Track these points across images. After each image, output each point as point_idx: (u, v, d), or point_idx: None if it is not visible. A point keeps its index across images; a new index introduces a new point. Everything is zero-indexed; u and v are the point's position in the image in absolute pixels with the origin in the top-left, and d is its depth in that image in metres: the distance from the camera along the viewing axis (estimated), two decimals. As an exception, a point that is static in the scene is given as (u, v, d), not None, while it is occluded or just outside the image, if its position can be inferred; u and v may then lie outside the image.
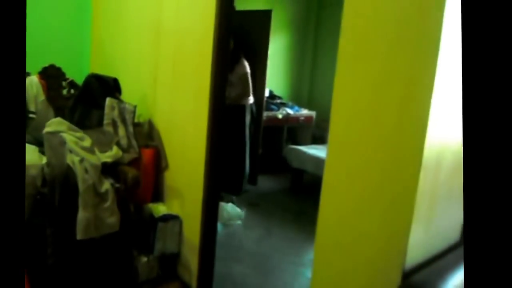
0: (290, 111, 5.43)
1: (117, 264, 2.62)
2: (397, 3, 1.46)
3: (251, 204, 4.26)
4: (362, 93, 1.59)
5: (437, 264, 1.59)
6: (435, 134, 1.42)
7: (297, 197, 4.08)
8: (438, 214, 1.61)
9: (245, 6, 4.84)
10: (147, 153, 2.82)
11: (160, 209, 2.78)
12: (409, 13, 1.42)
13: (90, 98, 2.93)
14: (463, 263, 1.50)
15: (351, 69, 1.63)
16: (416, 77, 1.41)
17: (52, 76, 3.14)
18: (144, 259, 2.67)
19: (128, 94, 3.05)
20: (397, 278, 1.49)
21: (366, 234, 1.61)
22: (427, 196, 1.51)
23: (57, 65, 3.17)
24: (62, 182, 2.36)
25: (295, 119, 5.47)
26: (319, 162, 4.01)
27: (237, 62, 4.36)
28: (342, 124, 1.68)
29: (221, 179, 2.76)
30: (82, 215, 2.35)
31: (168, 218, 2.71)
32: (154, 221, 2.68)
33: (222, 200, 3.89)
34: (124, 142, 2.74)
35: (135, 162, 2.71)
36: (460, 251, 1.67)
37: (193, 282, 2.69)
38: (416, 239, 1.50)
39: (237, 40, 4.15)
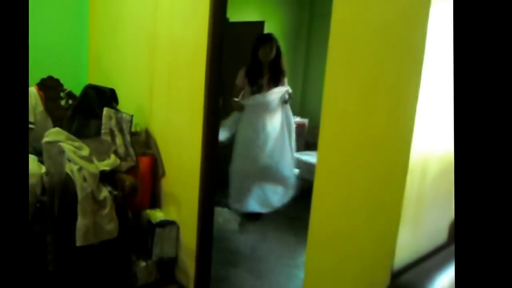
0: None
1: (116, 269, 2.67)
2: (382, 14, 1.52)
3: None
4: (350, 101, 1.65)
5: (424, 264, 1.63)
6: (421, 141, 1.48)
7: (291, 202, 4.14)
8: (425, 217, 1.66)
9: (239, 18, 4.91)
10: (144, 161, 2.87)
11: (157, 215, 2.83)
12: (394, 24, 1.48)
13: (88, 108, 2.98)
14: (452, 263, 1.57)
15: (339, 78, 1.69)
16: (402, 86, 1.46)
17: (50, 87, 3.17)
18: (143, 263, 2.72)
19: (125, 104, 3.11)
20: (386, 278, 1.55)
21: (355, 236, 1.67)
22: (414, 200, 1.56)
23: (55, 76, 3.21)
24: (61, 190, 2.40)
25: (288, 126, 5.50)
26: (311, 168, 4.06)
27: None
28: (331, 131, 1.74)
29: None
30: (81, 222, 2.40)
31: (165, 223, 2.76)
32: (152, 227, 2.73)
33: (218, 205, 3.94)
34: (121, 150, 2.80)
35: (132, 170, 2.76)
36: (447, 252, 1.72)
37: (191, 286, 2.74)
38: (404, 240, 1.56)
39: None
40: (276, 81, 3.92)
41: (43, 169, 2.51)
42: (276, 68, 3.93)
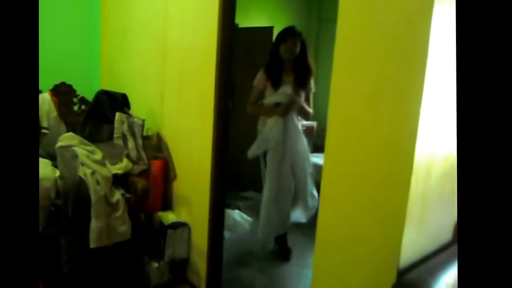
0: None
1: (129, 270, 2.71)
2: (386, 19, 1.55)
3: (257, 211, 4.33)
4: (356, 104, 1.67)
5: (429, 263, 1.66)
6: (425, 141, 1.51)
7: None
8: (429, 216, 1.69)
9: (248, 23, 4.96)
10: (156, 165, 2.92)
11: (169, 217, 2.88)
12: (398, 29, 1.50)
13: (100, 113, 3.04)
14: (455, 262, 1.59)
15: (345, 81, 1.72)
16: (406, 88, 1.49)
17: (63, 93, 3.24)
18: (155, 264, 2.77)
19: (137, 108, 3.17)
20: (392, 277, 1.57)
21: (362, 236, 1.70)
22: (419, 199, 1.59)
23: (68, 82, 3.28)
24: (75, 193, 2.46)
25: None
26: (320, 169, 4.04)
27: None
28: (338, 134, 1.77)
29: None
30: (94, 224, 2.45)
31: (177, 225, 2.81)
32: (164, 229, 2.78)
33: (229, 207, 3.98)
34: (133, 154, 2.85)
35: (144, 173, 2.81)
36: (451, 251, 1.75)
37: (202, 286, 2.79)
38: (409, 239, 1.58)
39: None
40: (302, 83, 3.30)
41: (57, 173, 2.56)
42: (302, 67, 3.31)
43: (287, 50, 3.25)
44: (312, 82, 3.40)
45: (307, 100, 3.41)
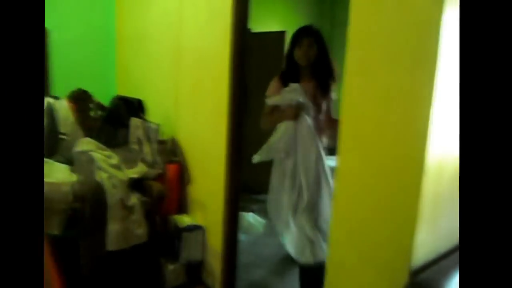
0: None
1: (146, 272, 2.76)
2: (396, 22, 1.57)
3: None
4: (367, 106, 1.69)
5: (442, 263, 1.66)
6: (437, 142, 1.52)
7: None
8: (442, 216, 1.69)
9: (261, 28, 4.98)
10: (171, 168, 2.97)
11: (184, 220, 2.92)
12: (408, 31, 1.52)
13: (117, 119, 3.09)
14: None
15: (356, 84, 1.74)
16: (416, 89, 1.50)
17: (80, 99, 3.30)
18: (171, 267, 2.80)
19: (152, 113, 3.22)
20: (404, 277, 1.58)
21: (374, 235, 1.71)
22: (431, 199, 1.59)
23: (85, 88, 3.35)
24: (92, 197, 2.52)
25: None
26: (333, 172, 3.92)
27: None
28: (350, 135, 1.79)
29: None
30: (112, 227, 2.50)
31: (192, 228, 2.84)
32: (179, 231, 2.81)
33: (243, 210, 3.99)
34: (149, 158, 2.90)
35: (160, 177, 2.86)
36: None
37: (217, 287, 2.83)
38: (422, 239, 1.59)
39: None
40: (325, 89, 2.78)
41: (75, 177, 2.61)
42: (323, 71, 2.78)
43: (303, 54, 2.74)
44: (333, 89, 2.83)
45: (328, 112, 2.84)
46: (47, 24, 3.57)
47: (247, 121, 2.73)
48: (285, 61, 2.87)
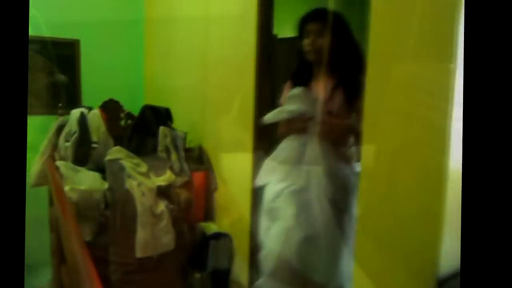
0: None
1: (172, 280, 2.79)
2: (416, 30, 1.56)
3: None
4: (389, 112, 1.69)
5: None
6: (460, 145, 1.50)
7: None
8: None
9: (287, 33, 4.97)
10: (198, 176, 3.00)
11: (211, 227, 2.94)
12: (428, 36, 1.52)
13: (145, 128, 3.15)
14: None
15: (378, 90, 1.74)
16: (438, 92, 1.49)
17: (111, 109, 3.39)
18: (198, 275, 2.81)
19: (179, 122, 3.26)
20: (430, 285, 1.56)
21: (400, 243, 1.69)
22: (456, 206, 1.57)
23: (115, 98, 3.44)
24: (122, 204, 2.57)
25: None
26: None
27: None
28: (373, 141, 1.78)
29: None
30: (141, 235, 2.54)
31: (219, 236, 2.86)
32: (206, 239, 2.84)
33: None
34: (176, 166, 2.93)
35: (187, 185, 2.87)
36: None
37: (244, 296, 2.82)
38: (449, 247, 1.56)
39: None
40: (351, 93, 2.05)
41: (106, 185, 2.69)
42: (344, 65, 2.10)
43: (309, 45, 2.14)
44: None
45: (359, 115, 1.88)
46: (77, 35, 3.71)
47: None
48: (296, 58, 2.32)
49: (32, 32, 3.66)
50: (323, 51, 2.12)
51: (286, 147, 2.21)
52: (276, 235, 2.17)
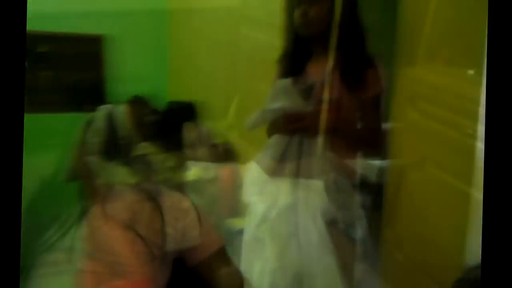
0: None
1: (197, 276, 2.80)
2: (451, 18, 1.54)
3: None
4: (414, 108, 1.67)
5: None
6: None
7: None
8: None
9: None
10: (224, 171, 3.00)
11: (237, 223, 2.94)
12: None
13: (171, 123, 3.18)
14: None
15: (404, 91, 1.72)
16: (463, 89, 1.46)
17: (138, 104, 3.41)
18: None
19: (205, 118, 3.28)
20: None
21: (425, 238, 1.68)
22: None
23: (142, 94, 3.46)
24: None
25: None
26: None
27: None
28: (398, 141, 1.77)
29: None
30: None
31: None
32: (232, 235, 2.83)
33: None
34: (202, 161, 2.95)
35: (214, 180, 2.89)
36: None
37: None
38: (475, 239, 1.55)
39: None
40: (351, 77, 1.73)
41: (134, 181, 2.72)
42: (346, 41, 1.73)
43: (302, 16, 1.76)
44: (377, 75, 1.69)
45: (370, 112, 1.72)
46: (103, 31, 3.74)
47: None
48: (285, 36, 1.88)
49: (52, 28, 3.73)
50: (318, 24, 1.73)
51: (272, 153, 1.82)
52: (260, 276, 1.89)
